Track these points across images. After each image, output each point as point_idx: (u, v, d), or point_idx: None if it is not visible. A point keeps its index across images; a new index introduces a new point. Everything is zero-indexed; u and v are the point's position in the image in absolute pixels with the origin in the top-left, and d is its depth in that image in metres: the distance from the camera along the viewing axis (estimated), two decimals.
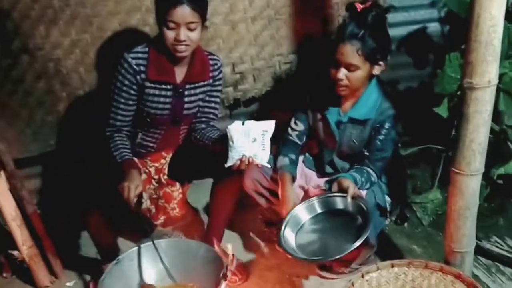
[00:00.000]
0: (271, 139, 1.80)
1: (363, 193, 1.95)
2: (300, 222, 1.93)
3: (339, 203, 1.91)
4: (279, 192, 2.02)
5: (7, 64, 2.14)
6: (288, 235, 1.88)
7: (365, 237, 1.70)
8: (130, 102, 1.95)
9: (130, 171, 1.83)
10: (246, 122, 1.77)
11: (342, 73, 1.86)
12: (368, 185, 1.97)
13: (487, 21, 1.42)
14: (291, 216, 1.92)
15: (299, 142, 2.15)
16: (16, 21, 2.09)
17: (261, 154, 1.77)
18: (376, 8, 1.87)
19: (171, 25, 1.80)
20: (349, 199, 1.84)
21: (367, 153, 1.98)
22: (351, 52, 1.82)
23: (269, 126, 1.78)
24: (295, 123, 2.14)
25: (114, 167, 1.88)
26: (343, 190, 1.87)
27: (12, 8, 2.07)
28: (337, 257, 1.74)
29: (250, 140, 1.75)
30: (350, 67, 1.85)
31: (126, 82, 1.91)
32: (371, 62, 1.87)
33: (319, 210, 1.95)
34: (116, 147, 1.93)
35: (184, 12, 1.78)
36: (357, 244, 1.69)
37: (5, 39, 2.10)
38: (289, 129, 2.15)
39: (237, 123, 1.77)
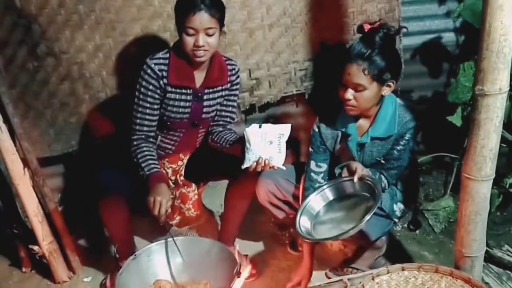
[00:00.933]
0: (287, 142, 1.84)
1: None
2: (314, 210, 1.96)
3: (349, 187, 1.94)
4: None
5: (33, 67, 2.23)
6: (304, 223, 1.91)
7: (373, 212, 1.72)
8: (155, 107, 2.01)
9: (160, 185, 1.87)
10: (263, 125, 1.82)
11: (350, 93, 1.85)
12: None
13: (499, 30, 1.46)
14: (305, 205, 1.96)
15: (322, 182, 2.07)
16: (42, 25, 2.17)
17: (277, 157, 1.82)
18: (385, 29, 1.87)
19: (190, 31, 1.86)
20: (355, 179, 1.86)
21: (383, 161, 1.99)
22: (357, 72, 1.81)
23: (285, 129, 1.83)
24: (318, 166, 2.08)
25: (141, 176, 1.94)
26: (352, 172, 1.89)
27: (39, 13, 2.16)
28: (349, 231, 1.73)
29: (266, 143, 1.80)
30: (357, 87, 1.84)
31: (151, 87, 1.97)
32: (379, 82, 1.86)
33: (331, 197, 1.98)
34: (144, 158, 1.97)
35: (202, 19, 1.84)
36: (368, 217, 1.71)
37: (32, 43, 2.19)
38: (312, 174, 2.08)
39: (254, 126, 1.82)
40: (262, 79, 2.59)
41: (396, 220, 2.08)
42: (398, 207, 2.08)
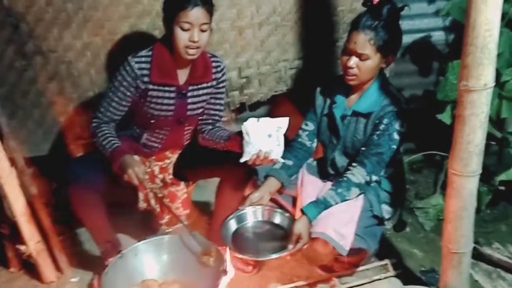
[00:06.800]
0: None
1: (360, 202, 1.99)
2: (244, 220, 2.10)
3: (278, 218, 2.09)
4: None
5: (21, 66, 2.22)
6: (231, 226, 2.06)
7: (280, 255, 1.91)
8: (123, 103, 2.00)
9: (124, 158, 1.87)
10: (261, 119, 1.83)
11: (353, 61, 1.91)
12: (354, 191, 1.96)
13: (483, 25, 1.45)
14: (238, 212, 2.07)
15: (308, 143, 2.19)
16: (30, 24, 2.16)
17: (276, 150, 1.84)
18: (391, 3, 1.92)
19: (186, 26, 1.84)
20: (291, 247, 1.91)
21: (363, 148, 2.01)
22: (363, 41, 1.87)
23: (283, 123, 1.84)
24: (306, 124, 2.20)
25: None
26: (294, 240, 1.92)
27: (27, 11, 2.15)
28: (254, 259, 2.02)
29: (265, 136, 1.81)
30: (361, 56, 1.90)
31: (125, 83, 1.96)
32: (382, 54, 1.92)
33: (260, 218, 2.10)
34: (104, 137, 1.96)
35: (199, 14, 1.83)
36: (273, 256, 1.91)
37: (20, 41, 2.18)
38: (300, 131, 2.21)
39: (253, 120, 1.83)
40: (252, 78, 2.59)
41: (385, 223, 2.09)
42: (385, 209, 2.08)
